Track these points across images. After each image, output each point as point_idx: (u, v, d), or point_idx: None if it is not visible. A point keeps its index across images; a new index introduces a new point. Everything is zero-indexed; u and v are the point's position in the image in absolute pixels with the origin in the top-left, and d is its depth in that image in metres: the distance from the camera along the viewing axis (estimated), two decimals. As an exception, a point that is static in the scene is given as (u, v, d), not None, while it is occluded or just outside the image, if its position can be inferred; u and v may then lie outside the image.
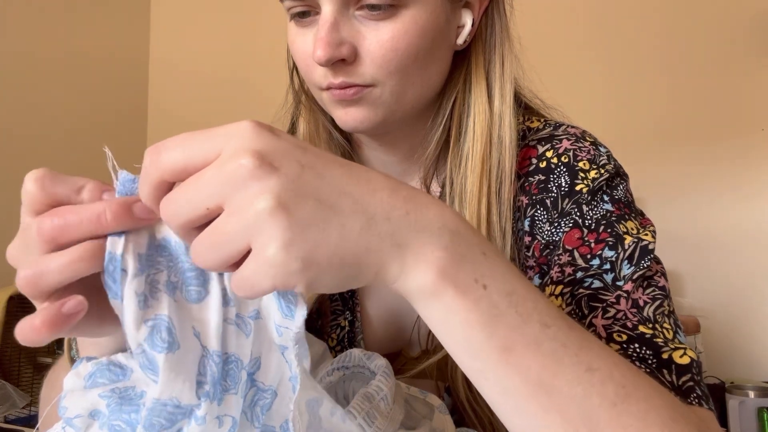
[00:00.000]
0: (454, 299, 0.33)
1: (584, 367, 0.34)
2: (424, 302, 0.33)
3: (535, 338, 0.33)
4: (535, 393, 0.33)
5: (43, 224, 0.31)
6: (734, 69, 1.83)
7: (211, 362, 0.32)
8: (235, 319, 0.33)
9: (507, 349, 0.33)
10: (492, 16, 0.58)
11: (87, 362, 0.39)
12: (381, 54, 0.50)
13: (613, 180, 0.57)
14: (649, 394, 0.35)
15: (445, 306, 0.33)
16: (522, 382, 0.33)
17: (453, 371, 0.57)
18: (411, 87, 0.53)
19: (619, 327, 0.48)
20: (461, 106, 0.58)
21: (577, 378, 0.33)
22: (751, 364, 1.74)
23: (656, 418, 0.34)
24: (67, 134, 2.23)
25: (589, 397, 0.33)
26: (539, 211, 0.58)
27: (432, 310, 0.33)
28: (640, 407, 0.34)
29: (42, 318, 0.30)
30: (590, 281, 0.51)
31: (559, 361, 0.33)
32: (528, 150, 0.61)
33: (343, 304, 0.63)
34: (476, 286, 0.33)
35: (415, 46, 0.51)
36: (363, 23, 0.51)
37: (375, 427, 0.39)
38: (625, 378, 0.35)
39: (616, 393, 0.34)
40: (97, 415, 0.36)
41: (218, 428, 0.32)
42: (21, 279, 0.31)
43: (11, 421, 1.50)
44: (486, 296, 0.33)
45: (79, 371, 0.38)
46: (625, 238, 0.52)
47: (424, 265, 0.32)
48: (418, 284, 0.33)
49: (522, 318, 0.34)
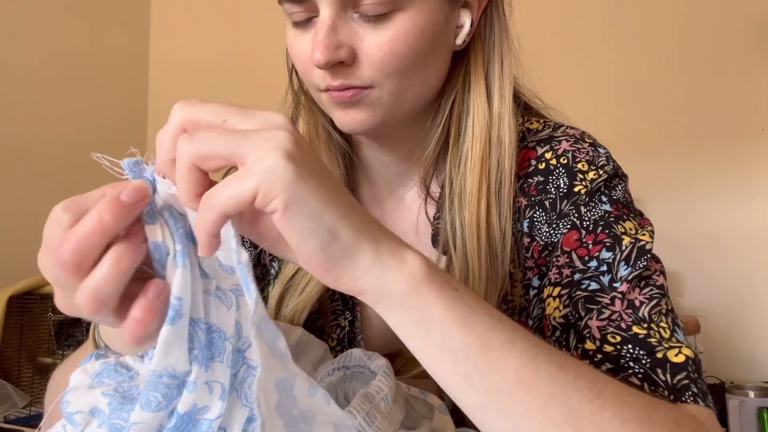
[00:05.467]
0: (430, 297, 0.34)
1: (557, 365, 0.35)
2: (396, 301, 0.34)
3: (509, 337, 0.35)
4: (516, 391, 0.34)
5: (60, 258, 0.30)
6: (734, 69, 1.83)
7: (198, 330, 0.33)
8: (215, 291, 0.34)
9: (485, 347, 0.34)
10: (491, 16, 0.58)
11: (95, 360, 0.39)
12: (380, 57, 0.50)
13: (612, 181, 0.57)
14: (619, 392, 0.36)
15: (421, 304, 0.34)
16: (503, 380, 0.34)
17: None
18: (410, 88, 0.53)
19: (614, 328, 0.48)
20: (460, 106, 0.58)
21: (552, 375, 0.34)
22: (751, 364, 1.74)
23: (631, 413, 0.35)
24: (67, 134, 2.23)
25: (568, 393, 0.34)
26: (538, 213, 0.58)
27: (407, 310, 0.34)
28: (614, 403, 0.35)
29: (140, 309, 0.31)
30: (587, 283, 0.51)
31: (534, 359, 0.34)
32: (527, 151, 0.60)
33: (343, 304, 0.63)
34: (449, 287, 0.35)
35: (414, 48, 0.51)
36: (361, 26, 0.51)
37: (375, 427, 0.39)
38: (593, 377, 0.36)
39: (590, 389, 0.35)
40: (96, 413, 0.36)
41: (209, 395, 0.32)
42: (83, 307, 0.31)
43: (11, 421, 1.50)
44: (460, 297, 0.35)
45: (87, 369, 0.39)
46: (623, 239, 0.52)
47: (399, 262, 0.34)
48: (393, 281, 0.34)
49: (494, 319, 0.35)
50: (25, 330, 1.69)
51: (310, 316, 0.60)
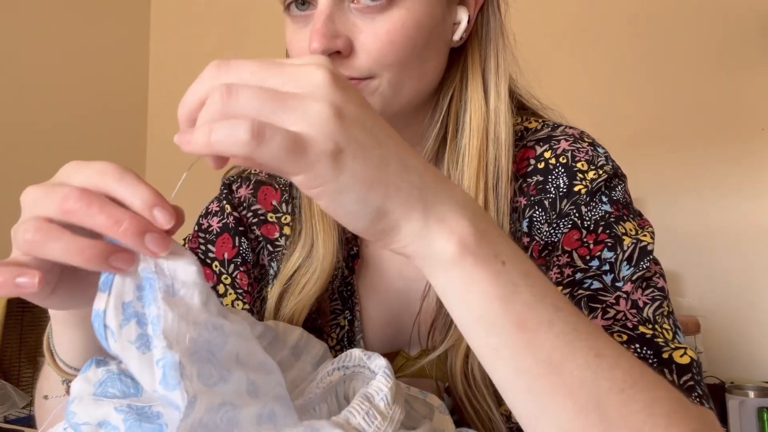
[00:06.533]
0: (475, 270, 0.33)
1: (593, 352, 0.34)
2: (443, 269, 0.34)
3: (548, 319, 0.34)
4: (547, 373, 0.33)
5: (69, 198, 0.31)
6: (734, 69, 1.83)
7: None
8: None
9: (521, 326, 0.33)
10: (487, 14, 0.59)
11: (96, 368, 0.38)
12: (377, 47, 0.51)
13: (612, 181, 0.57)
14: (654, 384, 0.36)
15: (466, 276, 0.33)
16: (534, 361, 0.33)
17: (452, 368, 0.57)
18: (408, 80, 0.53)
19: (619, 327, 0.48)
20: (458, 103, 0.59)
21: (586, 362, 0.34)
22: (751, 364, 1.74)
23: (661, 408, 0.34)
24: (66, 134, 2.23)
25: (599, 382, 0.34)
26: (537, 212, 0.58)
27: (451, 279, 0.34)
28: (646, 396, 0.34)
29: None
30: (590, 282, 0.51)
31: (570, 344, 0.34)
32: (526, 151, 0.61)
33: (342, 304, 0.63)
34: (496, 261, 0.34)
35: (412, 39, 0.51)
36: (358, 16, 0.51)
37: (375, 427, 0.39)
38: (631, 367, 0.35)
39: (623, 380, 0.34)
40: (105, 426, 0.35)
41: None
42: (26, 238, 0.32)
43: (11, 421, 1.50)
44: (505, 272, 0.34)
45: (89, 377, 0.38)
46: (624, 239, 0.53)
47: (448, 232, 0.33)
48: (439, 250, 0.33)
49: (536, 298, 0.34)
50: (25, 330, 1.69)
51: (309, 316, 0.60)
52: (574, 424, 0.33)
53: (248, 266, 0.63)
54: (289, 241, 0.63)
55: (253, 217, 0.65)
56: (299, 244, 0.61)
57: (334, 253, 0.59)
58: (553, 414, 0.33)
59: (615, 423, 0.33)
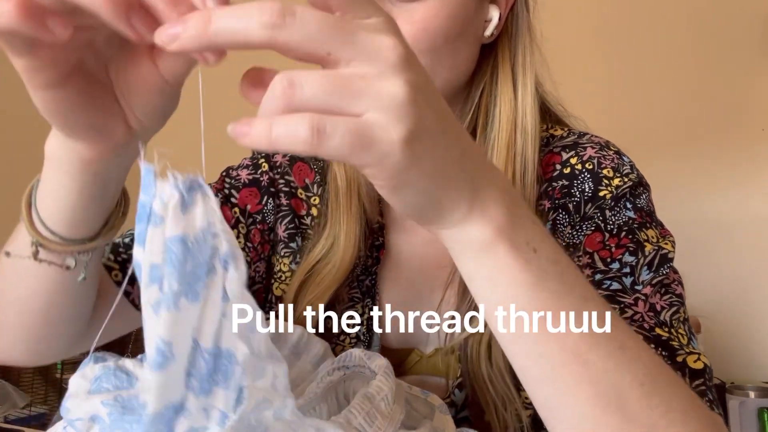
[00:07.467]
0: (507, 256, 0.33)
1: (617, 344, 0.34)
2: (474, 255, 0.34)
3: (575, 308, 0.34)
4: (570, 362, 0.33)
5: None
6: (735, 69, 1.83)
7: (200, 357, 0.31)
8: None
9: (548, 314, 0.33)
10: (517, 12, 0.61)
11: (94, 364, 0.39)
12: (412, 33, 0.52)
13: (637, 189, 0.59)
14: (672, 381, 0.36)
15: (497, 262, 0.33)
16: (558, 349, 0.33)
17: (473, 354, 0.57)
18: (441, 69, 0.55)
19: (636, 327, 0.49)
20: (488, 97, 0.61)
21: (609, 353, 0.34)
22: (751, 364, 1.74)
23: (678, 404, 0.35)
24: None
25: (620, 374, 0.34)
26: (561, 215, 0.59)
27: (481, 265, 0.34)
28: (665, 391, 0.35)
29: None
30: (609, 283, 0.52)
31: (595, 335, 0.34)
32: (552, 156, 0.62)
33: (361, 293, 0.63)
34: (527, 248, 0.34)
35: (445, 28, 0.53)
36: (395, 4, 0.53)
37: (375, 427, 0.39)
38: (651, 362, 0.36)
39: (644, 374, 0.34)
40: (97, 420, 0.36)
41: (206, 421, 0.32)
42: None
43: (11, 421, 1.50)
44: (536, 259, 0.34)
45: (86, 373, 0.38)
46: (645, 246, 0.54)
47: (486, 219, 0.33)
48: (474, 236, 0.33)
49: (565, 287, 0.34)
50: (25, 330, 1.69)
51: (328, 304, 0.61)
52: (593, 413, 0.33)
53: (265, 226, 0.66)
54: (314, 222, 0.65)
55: (285, 186, 0.67)
56: (323, 236, 0.63)
57: (355, 245, 0.61)
58: (574, 402, 0.34)
59: (633, 415, 0.33)
